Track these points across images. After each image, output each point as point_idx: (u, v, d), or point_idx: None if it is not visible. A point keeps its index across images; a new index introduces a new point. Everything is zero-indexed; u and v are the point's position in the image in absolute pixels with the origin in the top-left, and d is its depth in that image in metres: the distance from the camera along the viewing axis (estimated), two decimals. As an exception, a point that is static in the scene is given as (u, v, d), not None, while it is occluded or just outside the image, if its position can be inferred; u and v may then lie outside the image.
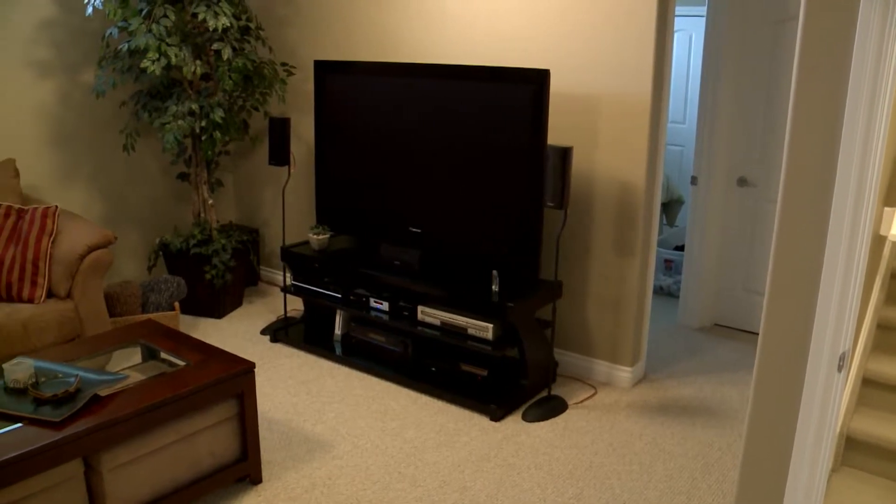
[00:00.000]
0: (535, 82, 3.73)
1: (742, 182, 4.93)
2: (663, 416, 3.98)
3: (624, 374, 4.28)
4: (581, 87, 4.07)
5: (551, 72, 4.14)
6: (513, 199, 3.93)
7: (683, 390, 4.27)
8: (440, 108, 4.11)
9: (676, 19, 4.08)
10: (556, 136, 4.21)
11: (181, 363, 3.28)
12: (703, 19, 4.89)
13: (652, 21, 3.79)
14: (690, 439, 3.75)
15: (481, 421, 3.90)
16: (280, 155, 4.70)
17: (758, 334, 5.07)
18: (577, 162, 4.17)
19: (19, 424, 2.69)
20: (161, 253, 5.22)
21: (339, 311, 4.73)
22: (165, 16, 4.49)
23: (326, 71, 4.58)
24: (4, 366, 2.90)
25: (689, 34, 6.53)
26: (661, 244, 6.07)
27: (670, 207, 6.58)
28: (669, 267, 6.04)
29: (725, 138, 4.90)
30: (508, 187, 3.93)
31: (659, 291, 5.85)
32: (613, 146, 4.03)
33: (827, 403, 2.18)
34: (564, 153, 3.62)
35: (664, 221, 6.61)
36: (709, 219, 5.03)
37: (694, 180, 5.02)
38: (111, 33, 4.67)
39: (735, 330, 5.17)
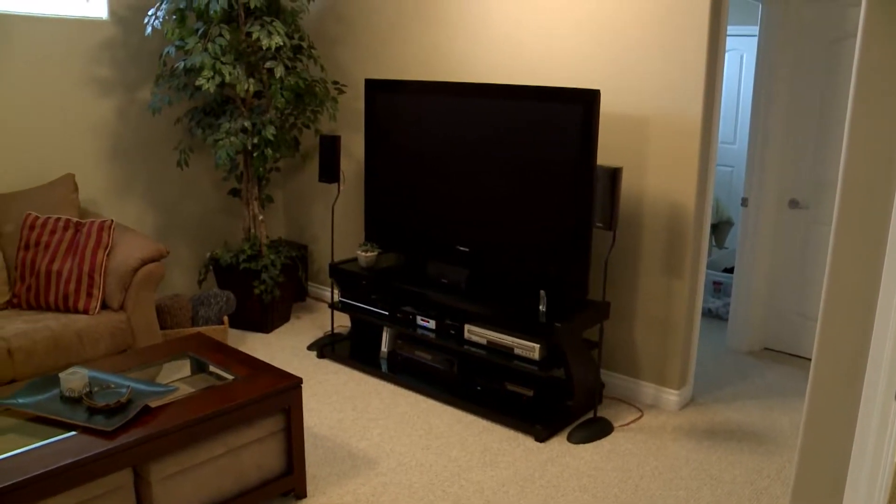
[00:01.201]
0: (584, 102, 3.73)
1: (794, 204, 4.86)
2: (711, 440, 3.92)
3: (671, 397, 4.23)
4: (631, 108, 4.06)
5: (601, 92, 4.14)
6: (561, 220, 3.92)
7: (732, 415, 4.21)
8: (489, 128, 4.12)
9: (728, 39, 4.05)
10: (605, 156, 4.19)
11: (229, 377, 3.32)
12: (755, 38, 4.85)
13: (703, 41, 3.77)
14: (738, 465, 3.69)
15: (526, 441, 3.88)
16: (330, 172, 4.75)
17: (809, 360, 4.98)
18: (627, 182, 4.15)
19: (74, 432, 2.75)
20: (211, 267, 5.30)
21: (385, 329, 4.75)
22: (221, 35, 4.58)
23: (377, 89, 4.63)
24: (61, 375, 2.96)
25: (741, 54, 6.47)
26: (709, 266, 6.00)
27: (719, 229, 6.51)
28: (718, 289, 5.97)
29: (777, 159, 4.85)
30: (557, 207, 3.92)
31: (707, 314, 5.78)
32: (663, 167, 4.01)
33: (883, 433, 2.13)
34: (614, 174, 3.60)
35: (713, 243, 6.54)
36: (759, 241, 4.96)
37: (744, 202, 4.96)
38: (168, 52, 4.78)
39: (785, 354, 5.08)
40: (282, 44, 4.65)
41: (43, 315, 4.05)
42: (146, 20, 4.68)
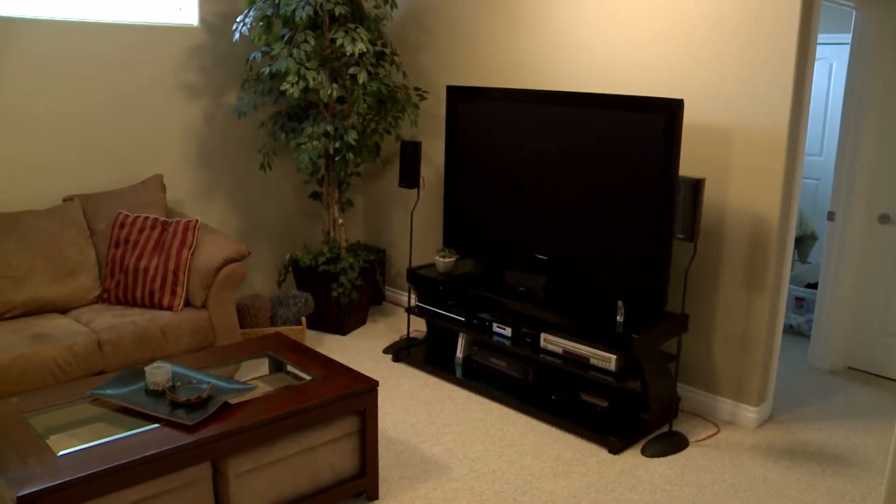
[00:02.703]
0: (667, 112, 3.69)
1: (884, 219, 4.70)
2: (789, 459, 3.82)
3: (749, 413, 4.14)
4: (714, 118, 3.99)
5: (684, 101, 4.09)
6: (641, 230, 3.87)
7: (812, 434, 4.09)
8: (570, 136, 4.11)
9: (817, 47, 3.95)
10: (687, 166, 4.13)
11: (307, 377, 3.37)
12: (846, 47, 4.71)
13: (792, 50, 3.68)
14: (819, 487, 3.58)
15: (599, 453, 3.84)
16: (410, 178, 4.78)
17: (898, 380, 4.80)
18: (709, 193, 4.08)
19: (156, 425, 2.83)
20: (291, 269, 5.39)
21: (461, 335, 4.76)
22: (306, 41, 4.66)
23: (458, 96, 4.65)
24: (146, 369, 3.05)
25: (830, 63, 6.30)
26: (792, 281, 5.85)
27: (803, 243, 6.34)
28: (800, 305, 5.81)
29: (867, 172, 4.70)
30: (637, 217, 3.88)
31: (788, 330, 5.63)
32: (747, 178, 3.93)
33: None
34: (696, 184, 3.55)
35: (796, 257, 6.37)
36: (845, 256, 4.82)
37: (830, 216, 4.83)
38: (254, 57, 4.89)
39: (871, 375, 4.91)
40: (365, 50, 4.71)
41: (130, 310, 4.19)
42: (234, 27, 4.80)
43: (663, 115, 3.71)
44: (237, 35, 4.76)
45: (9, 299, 4.03)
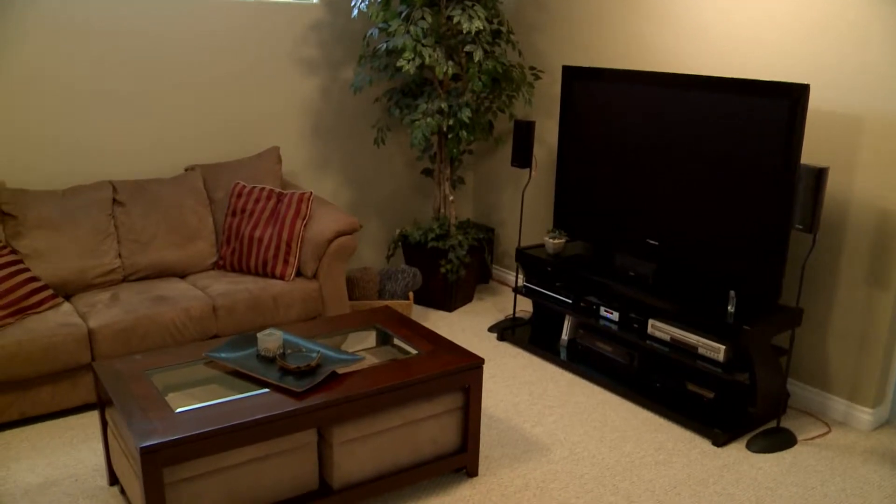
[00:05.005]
0: (792, 97, 3.55)
1: None
2: (908, 465, 3.66)
3: (864, 415, 3.97)
4: (840, 104, 3.82)
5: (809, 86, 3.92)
6: (758, 219, 3.76)
7: (934, 440, 3.91)
8: (688, 120, 4.01)
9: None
10: (810, 154, 3.97)
11: (413, 351, 3.41)
12: None
13: (933, 36, 3.48)
14: (939, 494, 3.42)
15: (703, 444, 3.76)
16: (523, 157, 4.77)
17: None
18: (832, 183, 3.92)
19: (266, 390, 2.93)
20: (400, 244, 5.46)
21: (567, 317, 4.73)
22: (423, 18, 4.68)
23: (574, 76, 4.59)
24: (259, 335, 3.15)
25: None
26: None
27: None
28: (928, 304, 5.53)
29: None
30: (754, 205, 3.76)
31: (913, 330, 5.37)
32: (875, 169, 3.75)
33: None
34: (819, 174, 3.41)
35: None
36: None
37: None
38: (372, 34, 4.95)
39: None
40: (481, 28, 4.70)
41: (243, 278, 4.33)
42: (352, 3, 4.87)
43: (787, 100, 3.57)
44: (355, 11, 4.82)
45: (135, 262, 4.23)
